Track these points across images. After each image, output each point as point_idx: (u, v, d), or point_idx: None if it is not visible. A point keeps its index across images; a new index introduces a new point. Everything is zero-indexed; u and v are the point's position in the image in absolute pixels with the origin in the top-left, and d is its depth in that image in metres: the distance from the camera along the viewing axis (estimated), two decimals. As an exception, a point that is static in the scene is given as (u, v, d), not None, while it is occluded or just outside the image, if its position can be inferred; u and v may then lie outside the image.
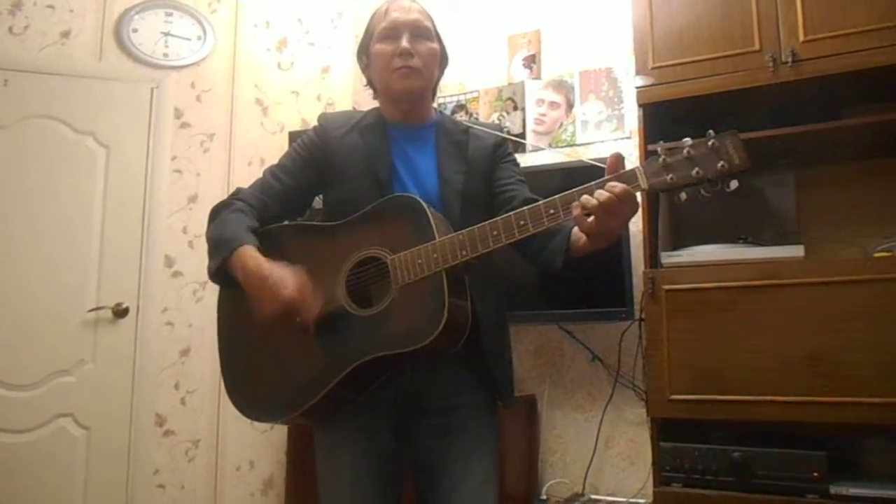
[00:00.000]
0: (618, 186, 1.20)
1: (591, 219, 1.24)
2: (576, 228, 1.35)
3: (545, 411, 2.82)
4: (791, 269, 2.02)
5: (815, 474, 1.90)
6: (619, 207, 1.21)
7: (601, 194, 1.21)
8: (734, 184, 1.18)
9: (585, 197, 1.23)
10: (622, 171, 1.24)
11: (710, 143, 1.18)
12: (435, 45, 1.56)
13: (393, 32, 1.51)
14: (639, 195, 1.25)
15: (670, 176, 1.20)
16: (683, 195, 1.23)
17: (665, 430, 2.13)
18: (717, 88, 2.17)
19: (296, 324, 1.39)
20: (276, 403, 1.46)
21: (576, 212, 1.23)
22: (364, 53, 1.59)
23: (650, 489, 2.18)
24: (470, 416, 1.47)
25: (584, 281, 2.51)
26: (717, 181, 1.18)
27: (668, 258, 2.19)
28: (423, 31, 1.54)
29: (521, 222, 1.29)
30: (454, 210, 1.47)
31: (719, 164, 1.17)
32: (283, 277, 1.36)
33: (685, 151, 1.19)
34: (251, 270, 1.38)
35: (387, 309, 1.37)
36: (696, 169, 1.18)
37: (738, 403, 2.00)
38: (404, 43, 1.50)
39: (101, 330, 2.93)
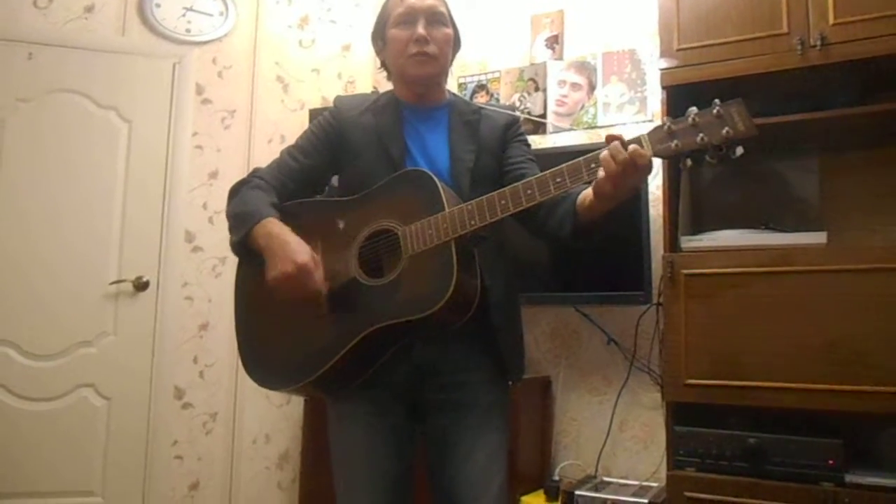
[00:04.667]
0: (632, 146, 1.22)
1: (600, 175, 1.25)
2: (581, 194, 1.37)
3: (560, 393, 2.82)
4: (812, 255, 2.00)
5: (831, 462, 1.89)
6: (630, 162, 1.21)
7: (613, 145, 1.22)
8: (739, 150, 1.19)
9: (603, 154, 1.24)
10: (627, 140, 1.25)
11: (714, 111, 1.19)
12: (449, 31, 1.58)
13: (409, 18, 1.53)
14: (659, 168, 1.25)
15: (675, 142, 1.21)
16: (689, 161, 1.24)
17: (680, 414, 2.13)
18: (743, 71, 2.14)
19: (304, 295, 1.43)
20: (288, 371, 1.49)
21: (600, 173, 1.24)
22: (379, 37, 1.61)
23: (663, 473, 2.19)
24: (480, 392, 1.49)
25: (602, 263, 2.50)
26: (721, 147, 1.19)
27: (688, 242, 2.17)
28: (438, 17, 1.55)
29: (529, 191, 1.32)
30: (464, 186, 1.50)
31: (724, 131, 1.17)
32: (303, 245, 1.42)
33: (690, 119, 1.20)
34: (275, 235, 1.44)
35: (397, 279, 1.40)
36: (701, 135, 1.19)
37: (755, 389, 1.99)
38: (420, 29, 1.52)
39: (123, 303, 2.98)
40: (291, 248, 1.41)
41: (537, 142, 2.94)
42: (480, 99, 3.16)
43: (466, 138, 1.56)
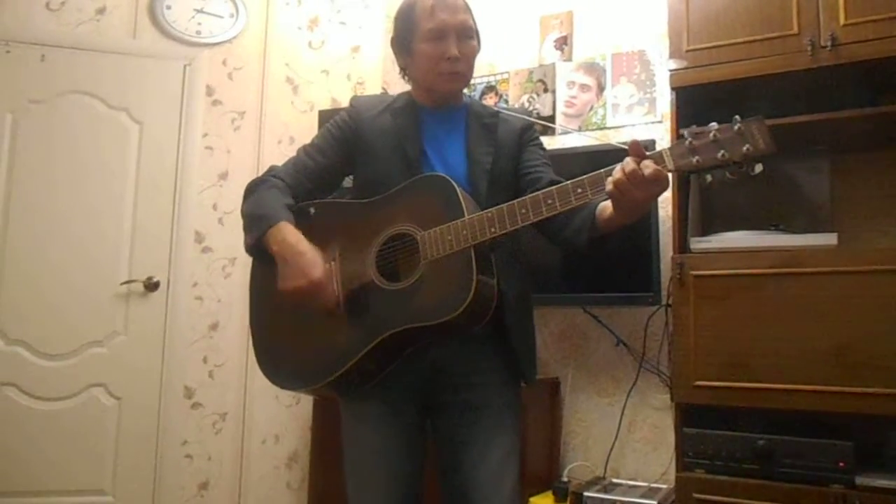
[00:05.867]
0: (650, 167, 1.21)
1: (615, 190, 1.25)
2: (600, 204, 1.37)
3: (568, 394, 2.82)
4: (823, 257, 2.00)
5: (841, 464, 1.89)
6: (645, 182, 1.21)
7: (627, 164, 1.22)
8: (759, 167, 1.21)
9: (616, 169, 1.24)
10: (649, 152, 1.25)
11: (735, 127, 1.20)
12: (475, 43, 1.58)
13: (441, 34, 1.51)
14: (670, 178, 1.25)
15: (696, 158, 1.22)
16: (709, 177, 1.26)
17: (689, 416, 2.12)
18: (753, 72, 2.14)
19: (316, 308, 1.44)
20: (303, 372, 1.49)
21: (609, 187, 1.24)
22: (404, 47, 1.58)
23: (672, 475, 2.18)
24: (493, 393, 1.50)
25: (611, 265, 2.50)
26: (742, 164, 1.20)
27: (698, 244, 2.17)
28: (467, 31, 1.54)
29: (549, 201, 1.32)
30: (481, 190, 1.50)
31: (744, 148, 1.19)
32: (316, 258, 1.42)
33: (711, 135, 1.21)
34: (291, 244, 1.43)
35: (415, 283, 1.40)
36: (722, 152, 1.20)
37: (764, 391, 1.99)
38: (453, 49, 1.51)
39: (133, 303, 3.00)
40: (305, 260, 1.41)
41: (546, 143, 2.93)
42: (489, 100, 3.16)
43: (484, 140, 1.56)
